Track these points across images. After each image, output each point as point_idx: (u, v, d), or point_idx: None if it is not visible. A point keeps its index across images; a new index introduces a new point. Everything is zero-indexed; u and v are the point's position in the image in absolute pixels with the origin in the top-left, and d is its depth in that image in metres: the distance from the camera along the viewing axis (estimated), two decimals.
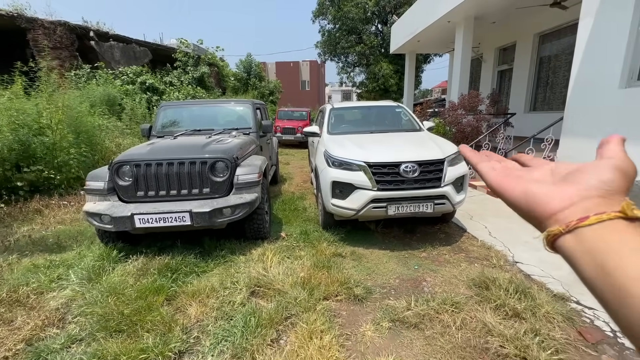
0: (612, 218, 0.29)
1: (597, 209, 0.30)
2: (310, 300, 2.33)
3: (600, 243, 0.28)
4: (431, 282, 2.69)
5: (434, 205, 3.20)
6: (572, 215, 0.31)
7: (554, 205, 0.32)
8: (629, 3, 3.77)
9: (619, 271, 0.26)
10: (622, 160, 0.33)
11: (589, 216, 0.29)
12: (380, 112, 4.94)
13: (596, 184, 0.31)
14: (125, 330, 2.03)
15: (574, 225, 0.30)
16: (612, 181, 0.31)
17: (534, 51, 7.96)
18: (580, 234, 0.29)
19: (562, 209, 0.32)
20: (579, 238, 0.29)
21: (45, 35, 11.18)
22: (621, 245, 0.27)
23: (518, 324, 2.04)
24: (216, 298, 2.40)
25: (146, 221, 2.86)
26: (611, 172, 0.32)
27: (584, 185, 0.32)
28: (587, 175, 0.32)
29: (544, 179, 0.36)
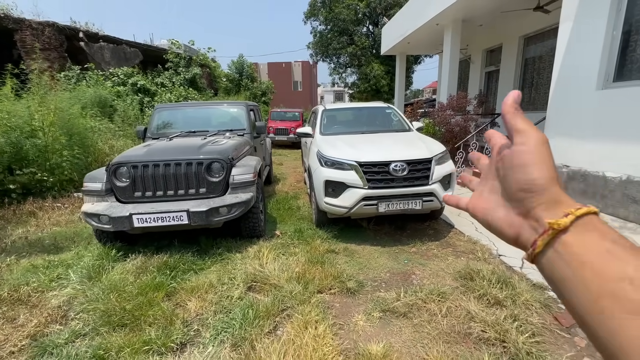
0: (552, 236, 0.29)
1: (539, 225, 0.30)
2: (305, 294, 2.44)
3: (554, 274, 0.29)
4: (420, 275, 2.83)
5: (423, 203, 3.35)
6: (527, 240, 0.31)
7: (509, 233, 0.33)
8: (604, 9, 3.98)
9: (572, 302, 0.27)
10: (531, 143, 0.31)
11: (536, 242, 0.30)
12: (371, 113, 5.08)
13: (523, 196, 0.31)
14: (127, 325, 2.11)
15: (532, 254, 0.30)
16: (534, 180, 0.30)
17: (519, 53, 8.21)
18: (538, 262, 0.31)
19: (517, 234, 0.32)
20: (541, 266, 0.30)
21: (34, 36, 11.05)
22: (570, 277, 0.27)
23: (499, 311, 2.19)
24: (214, 293, 2.50)
25: (144, 221, 2.93)
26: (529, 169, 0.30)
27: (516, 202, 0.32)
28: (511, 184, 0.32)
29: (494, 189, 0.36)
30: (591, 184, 4.26)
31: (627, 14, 3.86)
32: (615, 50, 3.99)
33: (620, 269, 0.24)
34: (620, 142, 3.86)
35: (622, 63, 3.99)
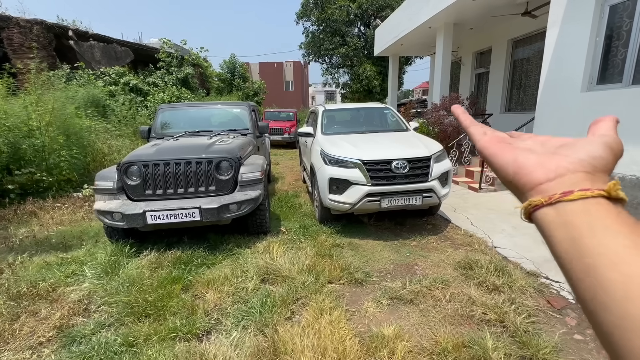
0: (595, 196, 0.28)
1: (582, 184, 0.30)
2: (317, 284, 2.59)
3: (579, 218, 0.28)
4: (422, 266, 3.01)
5: (423, 198, 3.54)
6: (557, 187, 0.30)
7: (540, 175, 0.32)
8: (588, 16, 4.25)
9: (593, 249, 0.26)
10: (613, 138, 0.33)
11: (573, 191, 0.29)
12: (370, 114, 5.26)
13: (585, 159, 0.31)
14: (151, 315, 2.22)
15: (557, 199, 0.30)
16: (601, 158, 0.31)
17: (508, 56, 8.54)
18: (561, 207, 0.29)
19: (547, 180, 0.31)
20: (559, 211, 0.29)
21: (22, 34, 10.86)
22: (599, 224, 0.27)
23: (497, 295, 2.39)
24: (230, 285, 2.62)
25: (157, 217, 3.03)
26: (602, 149, 0.32)
27: (573, 159, 0.31)
28: (577, 150, 0.32)
29: (535, 148, 0.36)
30: None
31: (608, 21, 4.14)
32: (599, 55, 4.27)
33: None
34: None
35: (605, 67, 4.27)
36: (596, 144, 0.32)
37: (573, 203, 0.29)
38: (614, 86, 4.11)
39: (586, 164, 0.31)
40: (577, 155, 0.32)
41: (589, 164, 0.31)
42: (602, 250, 0.26)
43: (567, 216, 0.29)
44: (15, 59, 10.44)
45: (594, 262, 0.26)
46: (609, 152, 0.32)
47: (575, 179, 0.30)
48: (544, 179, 0.32)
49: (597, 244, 0.26)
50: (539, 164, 0.33)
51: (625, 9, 3.98)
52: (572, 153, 0.32)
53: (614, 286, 0.25)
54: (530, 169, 0.33)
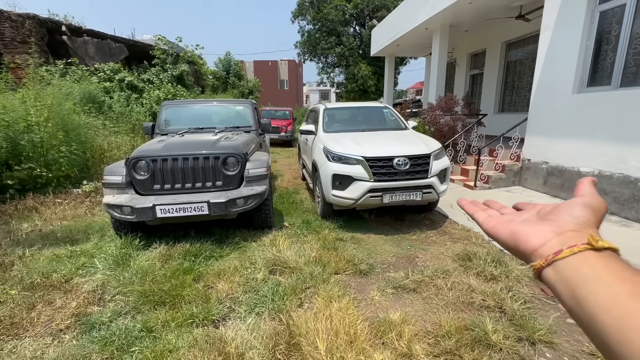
0: (581, 250, 0.33)
1: (569, 242, 0.34)
2: (324, 275, 2.70)
3: (573, 274, 0.32)
4: (423, 258, 3.15)
5: (423, 194, 3.68)
6: (550, 249, 0.35)
7: (534, 241, 0.37)
8: (579, 21, 4.45)
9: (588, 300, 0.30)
10: (592, 197, 0.38)
11: (562, 250, 0.33)
12: (370, 112, 5.38)
13: (569, 219, 0.36)
14: (167, 303, 2.30)
15: (551, 259, 0.34)
16: (582, 216, 0.36)
17: (502, 58, 8.77)
18: (557, 266, 0.33)
19: (541, 244, 0.36)
20: (557, 270, 0.33)
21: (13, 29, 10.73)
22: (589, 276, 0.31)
23: (495, 284, 2.53)
24: (240, 276, 2.72)
25: (167, 211, 3.10)
26: (582, 209, 0.37)
27: (559, 222, 0.37)
28: (562, 213, 0.38)
29: (530, 219, 0.42)
30: (567, 179, 4.74)
31: (598, 26, 4.34)
32: (589, 58, 4.47)
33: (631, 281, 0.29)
34: (592, 140, 4.34)
35: (595, 70, 4.47)
36: (576, 205, 0.38)
37: (565, 260, 0.33)
38: (603, 88, 4.31)
39: (571, 224, 0.36)
40: (562, 218, 0.37)
41: (573, 223, 0.36)
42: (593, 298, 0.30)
43: (564, 273, 0.33)
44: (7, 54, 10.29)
45: (592, 310, 0.29)
46: (589, 210, 0.37)
47: (563, 239, 0.35)
48: (538, 245, 0.37)
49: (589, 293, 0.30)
50: (532, 233, 0.38)
51: (614, 15, 4.18)
52: (558, 217, 0.38)
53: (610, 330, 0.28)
54: (526, 238, 0.39)
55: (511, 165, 5.66)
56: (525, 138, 5.49)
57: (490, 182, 5.60)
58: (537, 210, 0.43)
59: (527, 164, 5.55)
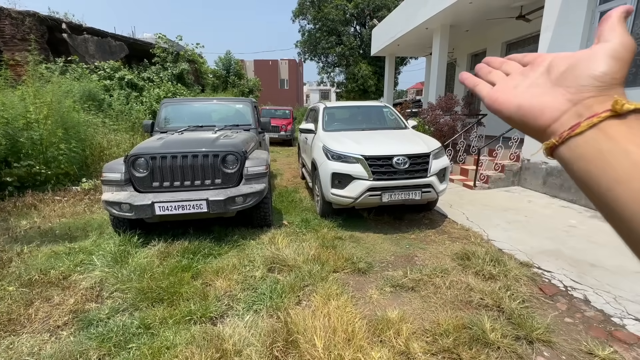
0: (602, 119, 0.28)
1: (588, 112, 0.29)
2: (323, 273, 2.70)
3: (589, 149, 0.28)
4: (421, 257, 3.15)
5: (422, 193, 3.67)
6: (565, 124, 0.30)
7: (547, 117, 0.31)
8: (579, 21, 4.45)
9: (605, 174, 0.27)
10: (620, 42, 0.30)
11: (579, 123, 0.29)
12: (370, 111, 5.38)
13: (587, 83, 0.30)
14: (165, 300, 2.30)
15: (567, 136, 0.29)
16: (604, 74, 0.29)
17: None
18: (572, 143, 0.29)
19: (555, 119, 0.31)
20: (571, 147, 0.29)
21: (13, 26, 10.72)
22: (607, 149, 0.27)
23: (493, 283, 2.53)
24: (238, 274, 2.71)
25: (166, 209, 3.10)
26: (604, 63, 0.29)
27: (574, 89, 0.30)
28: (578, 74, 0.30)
29: (538, 83, 0.34)
30: (567, 179, 4.74)
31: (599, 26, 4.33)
32: None
33: None
34: None
35: None
36: (598, 59, 0.30)
37: (583, 135, 0.29)
38: None
39: (590, 88, 0.29)
40: (577, 82, 0.30)
41: (593, 87, 0.29)
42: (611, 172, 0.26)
43: (579, 149, 0.29)
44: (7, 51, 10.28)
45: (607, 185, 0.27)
46: (614, 63, 0.29)
47: (581, 109, 0.29)
48: (551, 120, 0.31)
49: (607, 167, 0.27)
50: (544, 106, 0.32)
51: None
52: (573, 80, 0.31)
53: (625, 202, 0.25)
54: (536, 114, 0.32)
55: (510, 165, 5.66)
56: (525, 138, 5.49)
57: (489, 182, 5.60)
58: (547, 66, 0.35)
59: (526, 164, 5.55)
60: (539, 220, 4.00)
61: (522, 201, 4.89)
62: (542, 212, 4.36)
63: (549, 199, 4.93)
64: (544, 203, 4.75)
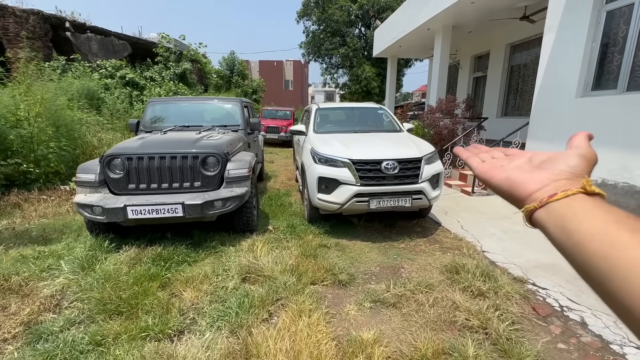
0: (575, 193, 0.35)
1: (564, 187, 0.36)
2: (299, 285, 2.52)
3: (565, 211, 0.34)
4: (408, 268, 2.95)
5: (412, 200, 3.48)
6: (545, 193, 0.37)
7: (530, 187, 0.39)
8: (584, 22, 4.22)
9: (576, 230, 0.32)
10: (586, 149, 0.40)
11: (557, 193, 0.36)
12: (364, 113, 5.20)
13: (564, 169, 0.38)
14: (124, 313, 2.14)
15: (546, 201, 0.36)
16: (577, 166, 0.38)
17: (506, 60, 8.52)
18: (550, 207, 0.35)
19: (537, 189, 0.38)
20: (549, 210, 0.35)
21: (17, 24, 10.75)
22: (579, 211, 0.33)
23: (482, 301, 2.33)
24: (209, 284, 2.55)
25: (139, 212, 2.95)
26: (577, 159, 0.39)
27: (555, 170, 0.39)
28: (558, 162, 0.39)
29: (523, 166, 0.43)
30: None
31: (605, 27, 4.11)
32: (594, 61, 4.23)
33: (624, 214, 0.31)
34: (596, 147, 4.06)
35: (600, 73, 4.24)
36: (572, 155, 0.40)
37: (559, 202, 0.35)
38: (609, 92, 4.07)
39: (566, 173, 0.38)
40: (557, 167, 0.39)
41: (568, 172, 0.38)
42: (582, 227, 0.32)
43: (556, 212, 0.35)
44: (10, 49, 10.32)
45: (578, 239, 0.31)
46: (583, 161, 0.39)
47: (558, 185, 0.37)
48: (534, 189, 0.38)
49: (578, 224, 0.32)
50: (529, 178, 0.40)
51: (622, 15, 3.95)
52: (554, 166, 0.39)
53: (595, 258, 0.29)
54: (522, 184, 0.40)
55: None
56: (527, 143, 5.25)
57: (488, 189, 5.36)
58: (529, 157, 0.44)
59: None
60: (537, 231, 3.75)
61: None
62: None
63: None
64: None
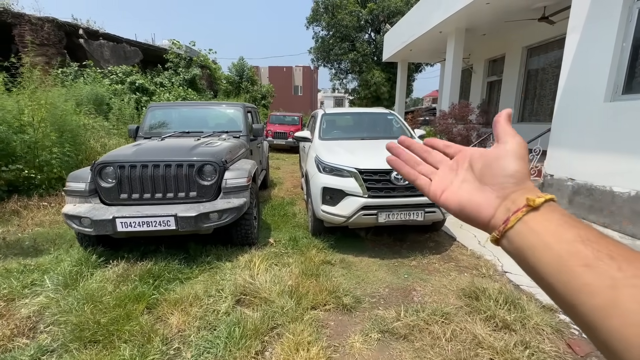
0: (525, 213, 0.33)
1: (513, 206, 0.34)
2: (298, 310, 2.26)
3: (521, 243, 0.33)
4: (421, 291, 2.66)
5: (425, 214, 3.18)
6: (499, 219, 0.35)
7: (484, 214, 0.37)
8: (614, 20, 3.88)
9: (538, 267, 0.31)
10: (517, 144, 0.37)
11: (509, 218, 0.34)
12: (372, 119, 4.94)
13: (505, 181, 0.36)
14: (101, 341, 1.92)
15: (503, 231, 0.34)
16: (517, 171, 0.36)
17: (522, 64, 8.15)
18: (509, 236, 0.34)
19: (491, 215, 0.36)
20: (509, 240, 0.34)
21: (32, 32, 10.96)
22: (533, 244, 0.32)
23: (508, 335, 2.02)
24: (200, 307, 2.31)
25: (129, 225, 2.74)
26: (514, 163, 0.36)
27: (497, 185, 0.36)
28: (494, 172, 0.37)
29: (467, 178, 0.40)
30: (598, 199, 4.12)
31: (637, 24, 3.77)
32: (625, 61, 3.88)
33: (575, 233, 0.30)
34: (629, 156, 3.73)
35: (632, 75, 3.88)
36: (507, 159, 0.37)
37: (514, 229, 0.34)
38: None
39: (508, 185, 0.36)
40: (497, 180, 0.37)
41: (512, 183, 0.36)
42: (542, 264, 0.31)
43: (515, 243, 0.34)
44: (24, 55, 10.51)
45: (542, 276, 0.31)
46: (520, 162, 0.37)
47: (508, 204, 0.35)
48: (489, 217, 0.37)
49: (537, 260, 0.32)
50: (479, 205, 0.38)
51: None
52: (492, 178, 0.37)
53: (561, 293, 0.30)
54: (475, 212, 0.38)
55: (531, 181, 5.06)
56: (548, 150, 4.89)
57: None
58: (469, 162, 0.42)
59: (549, 180, 4.93)
60: None
61: None
62: None
63: None
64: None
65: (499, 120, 0.40)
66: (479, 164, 0.39)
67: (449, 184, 0.42)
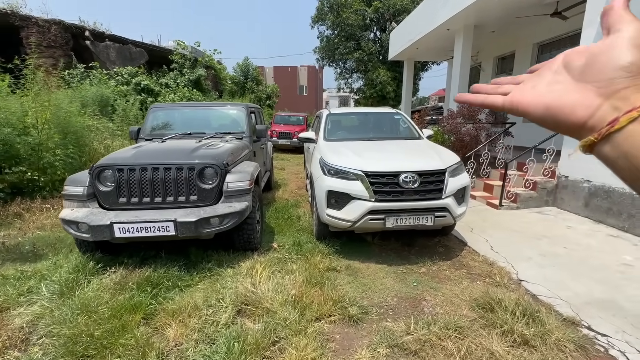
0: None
1: (625, 104, 0.28)
2: (301, 322, 2.14)
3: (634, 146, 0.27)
4: (431, 301, 2.52)
5: (435, 218, 3.04)
6: (602, 119, 0.30)
7: (580, 114, 0.31)
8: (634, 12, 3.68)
9: None
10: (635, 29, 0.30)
11: (618, 118, 0.28)
12: (379, 119, 4.80)
13: (616, 75, 0.29)
14: (93, 356, 1.82)
15: (606, 132, 0.29)
16: (632, 64, 0.29)
17: (533, 61, 7.91)
18: (614, 140, 0.29)
19: (590, 116, 0.31)
20: (614, 144, 0.29)
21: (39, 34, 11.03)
22: None
23: (527, 353, 1.87)
24: (198, 317, 2.20)
25: (127, 230, 2.65)
26: (629, 53, 0.29)
27: (603, 81, 0.30)
28: (601, 67, 0.30)
29: (558, 79, 0.34)
30: (616, 202, 3.93)
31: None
32: None
33: None
34: None
35: None
36: (620, 49, 0.30)
37: (624, 131, 0.28)
38: None
39: (620, 80, 0.29)
40: (604, 75, 0.30)
41: (623, 78, 0.29)
42: None
43: (623, 146, 0.28)
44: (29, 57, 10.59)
45: None
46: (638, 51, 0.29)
47: (617, 102, 0.29)
48: (586, 117, 0.31)
49: None
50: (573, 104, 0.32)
51: None
52: (598, 74, 0.30)
53: None
54: (568, 112, 0.32)
55: (544, 183, 4.88)
56: (562, 150, 4.70)
57: (518, 201, 4.83)
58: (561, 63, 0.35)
59: (563, 181, 4.75)
60: (582, 254, 3.24)
61: (558, 226, 4.11)
62: (586, 242, 3.58)
63: (592, 225, 4.12)
64: (587, 230, 3.95)
65: (612, 7, 0.32)
66: (579, 61, 0.33)
67: (529, 89, 0.37)
